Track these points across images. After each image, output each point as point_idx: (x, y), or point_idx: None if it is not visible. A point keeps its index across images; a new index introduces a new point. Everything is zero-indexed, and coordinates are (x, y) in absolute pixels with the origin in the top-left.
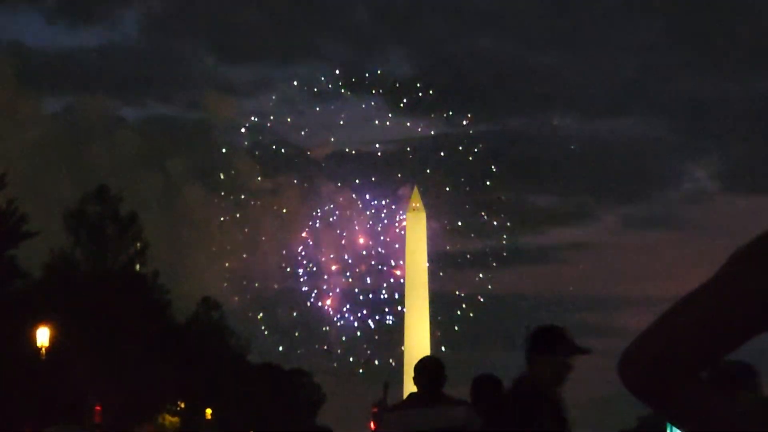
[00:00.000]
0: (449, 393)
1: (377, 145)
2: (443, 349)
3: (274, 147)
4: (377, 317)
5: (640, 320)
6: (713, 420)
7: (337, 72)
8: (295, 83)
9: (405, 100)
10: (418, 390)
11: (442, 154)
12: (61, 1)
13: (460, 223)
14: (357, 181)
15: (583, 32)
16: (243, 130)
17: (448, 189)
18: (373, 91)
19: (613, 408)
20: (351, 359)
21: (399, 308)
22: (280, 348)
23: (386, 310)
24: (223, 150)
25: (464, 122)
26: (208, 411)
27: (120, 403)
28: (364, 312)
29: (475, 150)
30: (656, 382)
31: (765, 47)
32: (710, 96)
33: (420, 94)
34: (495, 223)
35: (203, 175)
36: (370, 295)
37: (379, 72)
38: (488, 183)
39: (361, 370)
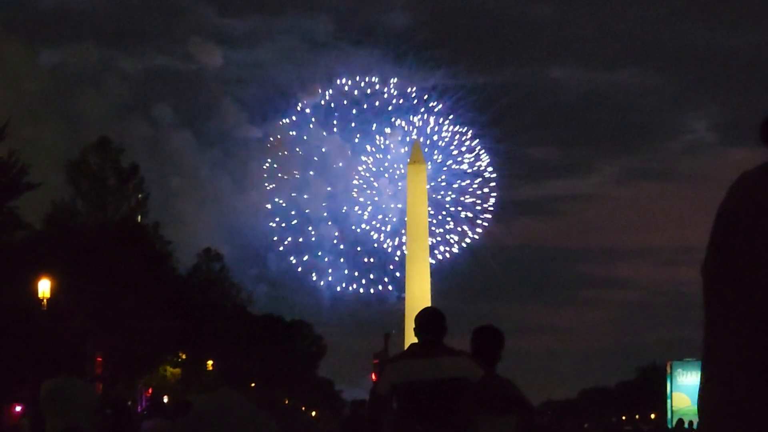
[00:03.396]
0: (449, 344)
1: (375, 96)
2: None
3: (269, 97)
4: (377, 266)
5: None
6: None
7: (336, 23)
8: (293, 34)
9: (403, 51)
10: (418, 341)
11: (441, 105)
12: None
13: (459, 175)
14: (353, 131)
15: None
16: (240, 80)
17: (447, 141)
18: (372, 42)
19: (614, 359)
20: (349, 311)
21: (398, 259)
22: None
23: (386, 260)
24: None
25: (463, 74)
26: (210, 362)
27: (121, 354)
28: (364, 260)
29: (474, 102)
30: None
31: None
32: (709, 47)
33: (419, 45)
34: (495, 174)
35: (194, 124)
36: (369, 244)
37: (377, 23)
38: (488, 135)
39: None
